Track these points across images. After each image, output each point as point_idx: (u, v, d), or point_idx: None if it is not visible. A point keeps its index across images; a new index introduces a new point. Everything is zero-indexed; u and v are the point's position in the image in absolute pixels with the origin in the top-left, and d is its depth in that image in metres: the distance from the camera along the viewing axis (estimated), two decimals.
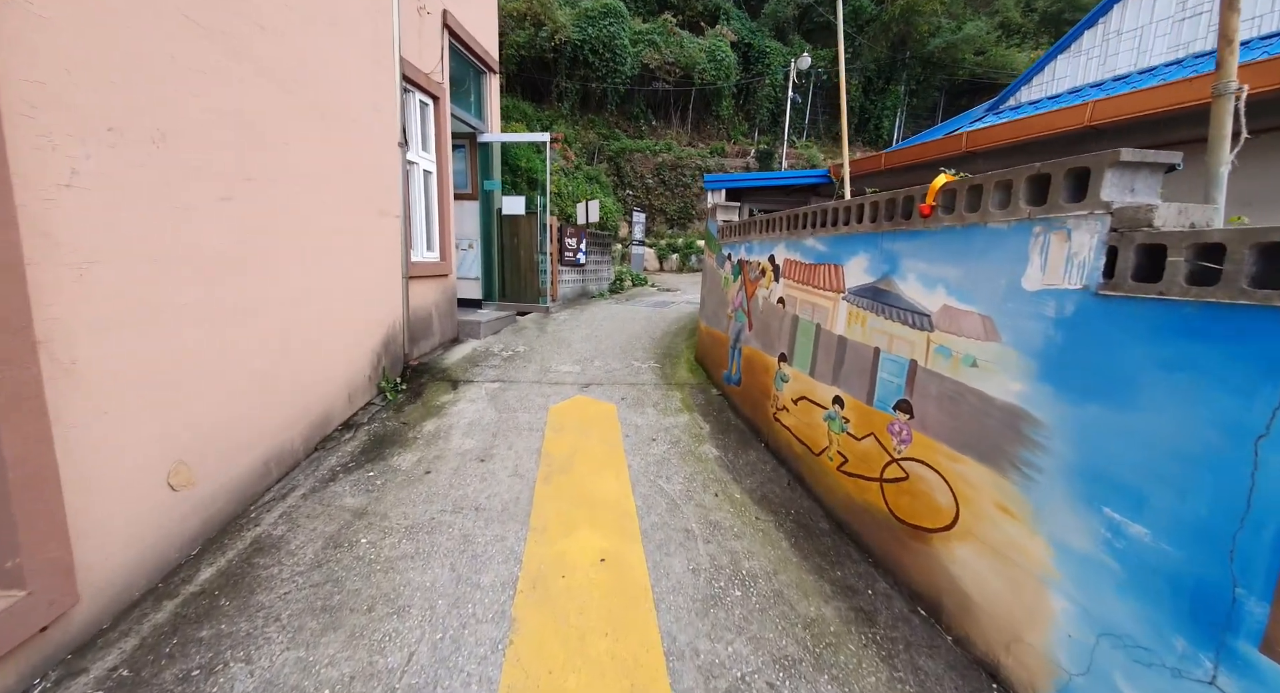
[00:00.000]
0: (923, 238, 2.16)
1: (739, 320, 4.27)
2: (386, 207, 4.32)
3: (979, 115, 8.67)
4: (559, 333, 6.79)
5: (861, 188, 3.07)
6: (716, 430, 3.91)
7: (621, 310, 8.69)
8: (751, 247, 4.06)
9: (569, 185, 12.70)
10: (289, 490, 2.84)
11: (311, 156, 3.20)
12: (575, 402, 4.38)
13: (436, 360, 5.34)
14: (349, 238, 3.71)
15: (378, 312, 4.24)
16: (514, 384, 4.76)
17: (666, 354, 6.00)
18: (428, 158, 5.45)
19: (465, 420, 3.87)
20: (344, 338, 3.68)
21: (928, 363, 2.12)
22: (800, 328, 3.18)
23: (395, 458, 3.25)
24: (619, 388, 4.75)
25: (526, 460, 3.28)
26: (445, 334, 5.91)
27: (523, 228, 7.36)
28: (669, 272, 16.15)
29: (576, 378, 5.01)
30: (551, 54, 15.85)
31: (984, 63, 22.53)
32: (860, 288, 2.57)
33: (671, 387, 4.87)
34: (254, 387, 2.72)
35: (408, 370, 4.84)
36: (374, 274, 4.14)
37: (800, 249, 3.20)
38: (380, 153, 4.22)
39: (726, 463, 3.38)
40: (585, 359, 5.65)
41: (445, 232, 5.76)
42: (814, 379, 2.99)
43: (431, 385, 4.63)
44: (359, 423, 3.73)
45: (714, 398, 4.62)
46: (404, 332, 4.80)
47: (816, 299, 2.98)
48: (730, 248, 4.62)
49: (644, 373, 5.26)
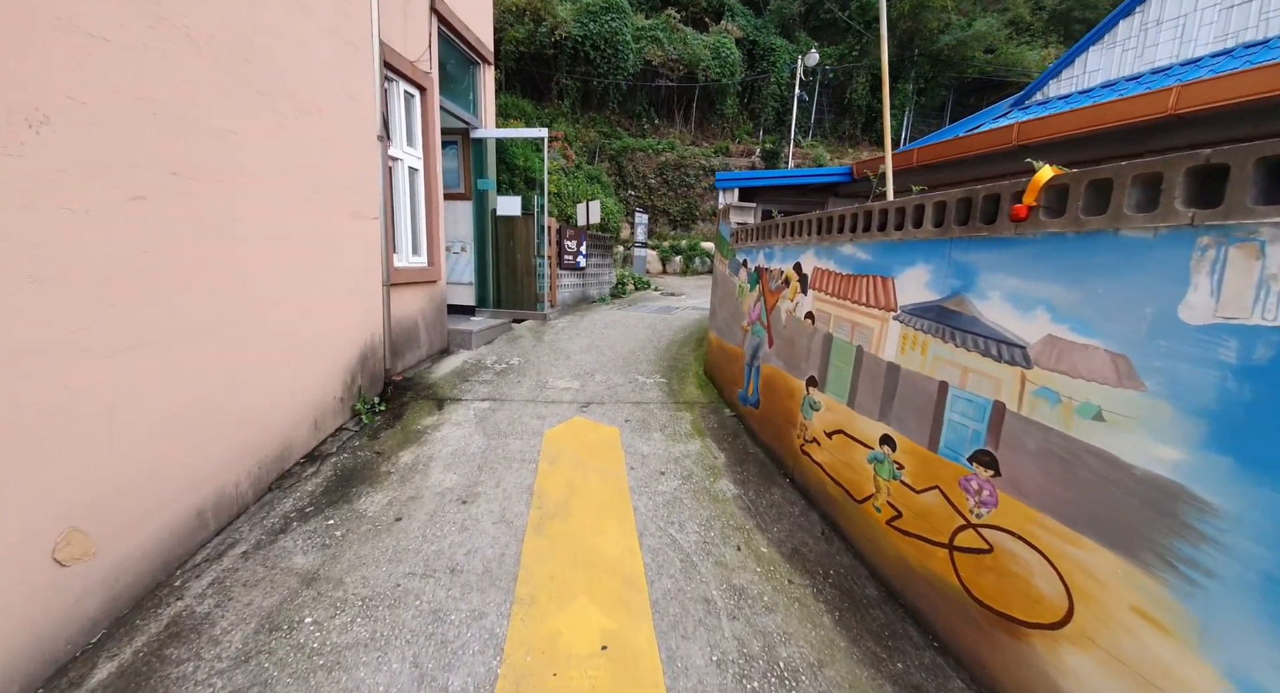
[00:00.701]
0: (1014, 247, 1.70)
1: (757, 335, 3.80)
2: (362, 207, 3.86)
3: (1003, 111, 8.20)
4: (557, 342, 6.33)
5: (906, 186, 2.60)
6: (733, 461, 3.44)
7: (624, 317, 8.23)
8: (772, 252, 3.59)
9: (569, 185, 12.26)
10: (228, 547, 2.38)
11: (261, 150, 2.74)
12: (573, 425, 3.92)
13: (422, 375, 4.88)
14: (314, 243, 3.25)
15: (352, 325, 3.78)
16: (506, 403, 4.30)
17: (673, 367, 5.54)
18: (413, 154, 4.99)
19: (448, 449, 3.41)
20: (307, 358, 3.22)
21: (1022, 408, 1.66)
22: (835, 349, 2.71)
23: (362, 500, 2.78)
24: (622, 408, 4.29)
25: (516, 502, 2.82)
26: (434, 345, 5.45)
27: (519, 230, 6.91)
28: (672, 274, 15.69)
29: (575, 396, 4.55)
30: (551, 50, 15.40)
31: (994, 61, 22.06)
32: (919, 307, 2.10)
33: (680, 406, 4.41)
34: (181, 425, 2.26)
35: (389, 388, 4.39)
36: (347, 283, 3.68)
37: (835, 257, 2.74)
38: (355, 147, 3.76)
39: (747, 504, 2.92)
40: (585, 373, 5.19)
41: (434, 234, 5.30)
42: (854, 411, 2.52)
43: (414, 406, 4.17)
44: (325, 454, 3.26)
45: (728, 420, 4.16)
46: (385, 345, 4.34)
47: (857, 317, 2.52)
48: (746, 253, 4.16)
49: (649, 389, 4.79)
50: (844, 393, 2.61)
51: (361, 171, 3.85)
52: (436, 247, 5.35)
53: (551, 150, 13.22)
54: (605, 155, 16.59)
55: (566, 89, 16.23)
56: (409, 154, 4.92)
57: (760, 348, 3.73)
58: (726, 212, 4.68)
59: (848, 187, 5.60)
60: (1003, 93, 23.12)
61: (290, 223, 3.00)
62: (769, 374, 3.56)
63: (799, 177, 5.06)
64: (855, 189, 5.55)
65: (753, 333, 3.90)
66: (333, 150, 3.44)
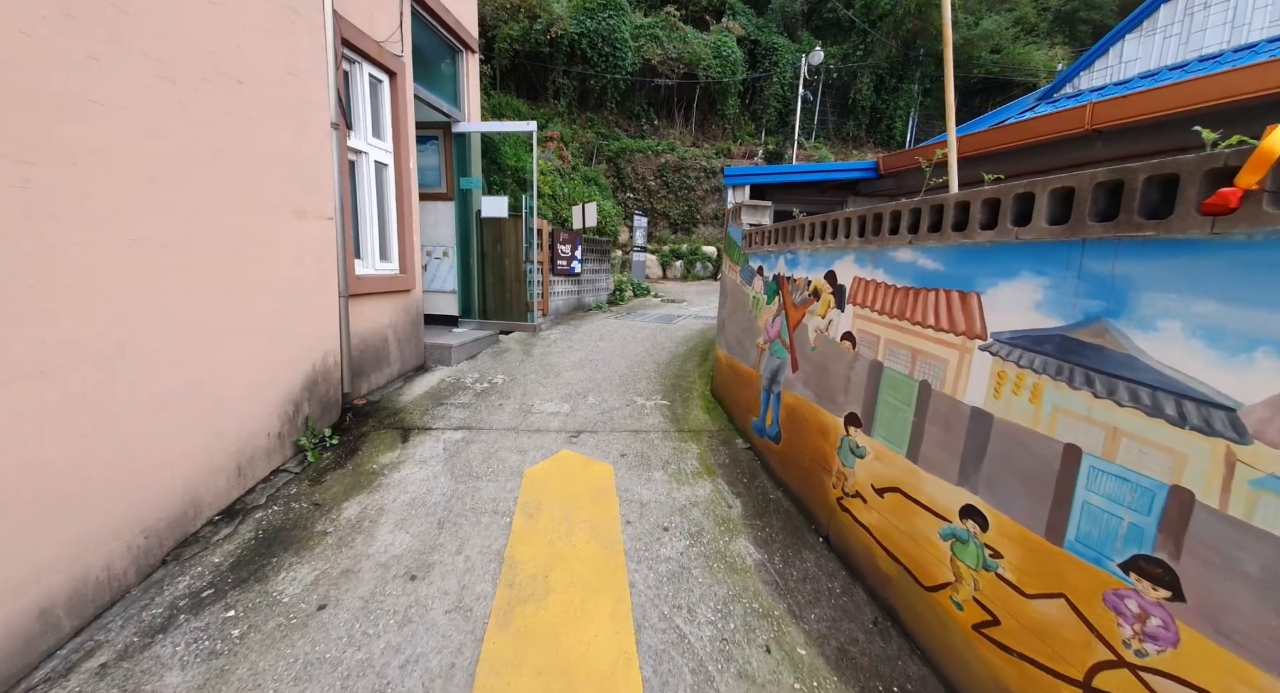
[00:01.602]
0: (1209, 254, 1.11)
1: (776, 356, 3.21)
2: (309, 205, 3.27)
3: (1030, 105, 7.65)
4: (547, 357, 5.74)
5: (977, 174, 2.02)
6: (751, 511, 2.84)
7: (621, 327, 7.64)
8: (796, 258, 3.01)
9: (565, 187, 11.69)
10: (84, 655, 1.77)
11: (146, 128, 2.16)
12: (560, 461, 3.32)
13: (391, 397, 4.28)
14: (235, 248, 2.66)
15: (294, 345, 3.18)
16: (483, 432, 3.70)
17: (676, 386, 4.94)
18: (382, 147, 4.41)
19: (405, 498, 2.81)
20: (225, 390, 2.63)
21: (1228, 503, 1.06)
22: (887, 383, 2.12)
23: (281, 576, 2.18)
24: (618, 438, 3.69)
25: (480, 576, 2.21)
26: (407, 362, 4.85)
27: (507, 233, 6.32)
28: (672, 280, 15.11)
29: (564, 422, 3.95)
30: (547, 48, 14.86)
31: (1000, 61, 21.59)
32: (1027, 335, 1.51)
33: (685, 435, 3.81)
34: (12, 494, 1.66)
35: (348, 415, 3.79)
36: (287, 295, 3.09)
37: (886, 265, 2.15)
38: (298, 134, 3.17)
39: (774, 576, 2.31)
40: (577, 393, 4.59)
41: (406, 238, 4.72)
42: (918, 467, 1.92)
43: (375, 437, 3.56)
44: (250, 508, 2.66)
45: (741, 454, 3.56)
46: (343, 366, 3.75)
47: (920, 343, 1.93)
48: (761, 259, 3.57)
49: (649, 413, 4.20)
50: (901, 440, 2.02)
51: (308, 163, 3.27)
52: (410, 251, 4.76)
53: (546, 151, 12.66)
54: (603, 157, 16.03)
55: (563, 88, 15.69)
56: (376, 146, 4.33)
57: (781, 372, 3.14)
58: (737, 211, 4.09)
59: (870, 184, 5.03)
60: (1008, 94, 22.66)
61: (196, 224, 2.41)
62: (793, 404, 2.97)
63: (818, 172, 4.47)
64: (879, 187, 4.97)
65: (771, 353, 3.31)
66: (264, 136, 2.85)
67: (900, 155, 4.38)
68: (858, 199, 5.49)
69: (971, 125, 7.87)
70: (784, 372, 3.10)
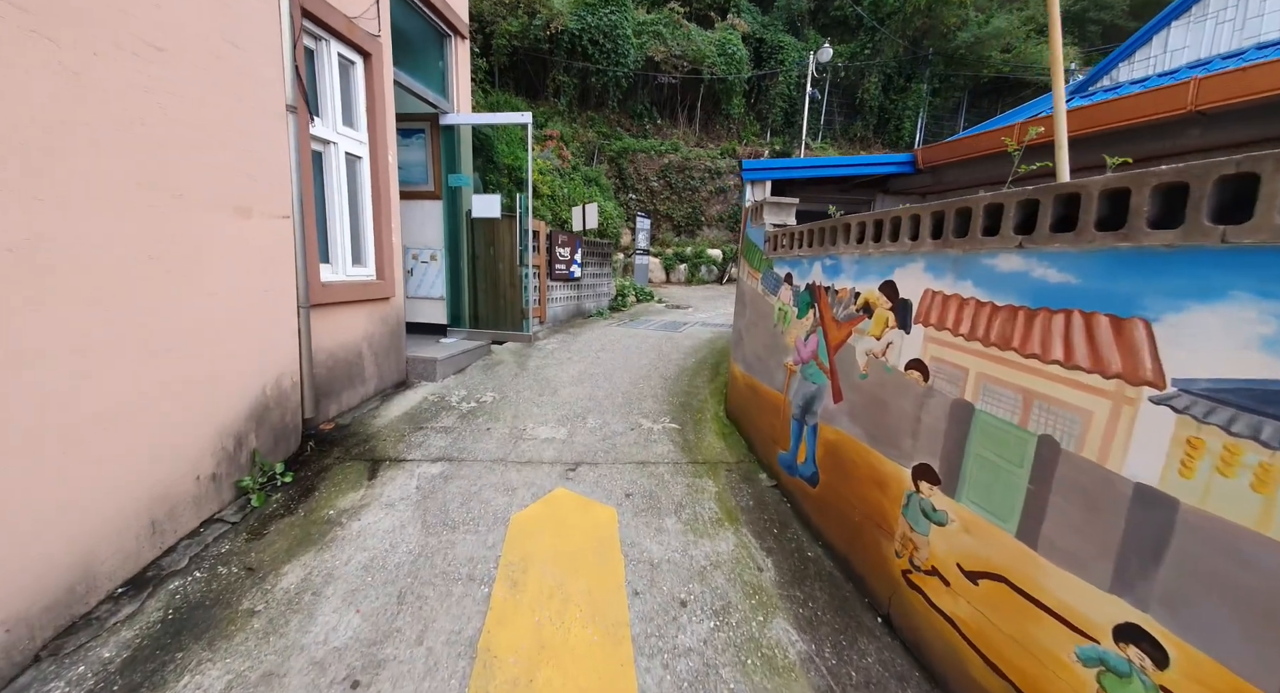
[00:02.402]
0: None
1: (811, 380, 2.70)
2: (257, 202, 2.77)
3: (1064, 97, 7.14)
4: (543, 370, 5.23)
5: (1097, 157, 1.50)
6: (787, 575, 2.32)
7: (624, 335, 7.13)
8: (837, 264, 2.49)
9: (565, 187, 11.20)
10: None
11: (14, 101, 1.65)
12: (554, 502, 2.81)
13: (364, 420, 3.77)
14: (154, 251, 2.15)
15: (237, 367, 2.67)
16: (465, 465, 3.19)
17: (686, 406, 4.43)
18: (354, 137, 3.91)
19: (361, 558, 2.29)
20: (133, 427, 2.11)
21: None
22: (984, 432, 1.60)
23: (183, 683, 1.66)
24: (622, 472, 3.18)
25: (443, 682, 1.69)
26: (386, 378, 4.34)
27: (500, 235, 5.82)
28: (676, 284, 14.59)
29: (560, 451, 3.44)
30: (547, 44, 14.38)
31: (1010, 60, 21.11)
32: (1248, 389, 0.99)
33: (699, 469, 3.29)
34: None
35: (309, 444, 3.27)
36: (226, 309, 2.58)
37: (979, 274, 1.63)
38: (242, 118, 2.67)
39: (826, 677, 1.79)
40: (575, 415, 4.08)
41: (384, 239, 4.21)
42: (1037, 554, 1.41)
43: (337, 472, 3.05)
44: (166, 574, 2.14)
45: (765, 493, 3.04)
46: (303, 387, 3.23)
47: (1041, 384, 1.41)
48: (789, 265, 3.06)
49: (657, 440, 3.68)
50: (1007, 512, 1.50)
51: (256, 152, 2.76)
52: (388, 255, 4.25)
53: (545, 150, 12.17)
54: (604, 156, 15.54)
55: (563, 86, 15.20)
56: (347, 137, 3.83)
57: (818, 400, 2.62)
58: (758, 210, 3.58)
59: (903, 180, 4.51)
60: (1019, 95, 22.17)
61: (93, 221, 1.90)
62: (835, 442, 2.45)
63: (849, 165, 3.96)
64: (913, 183, 4.45)
65: (803, 376, 2.79)
66: (194, 117, 2.35)
67: (944, 147, 3.85)
68: (887, 198, 4.98)
69: (992, 123, 7.36)
70: (822, 400, 2.59)
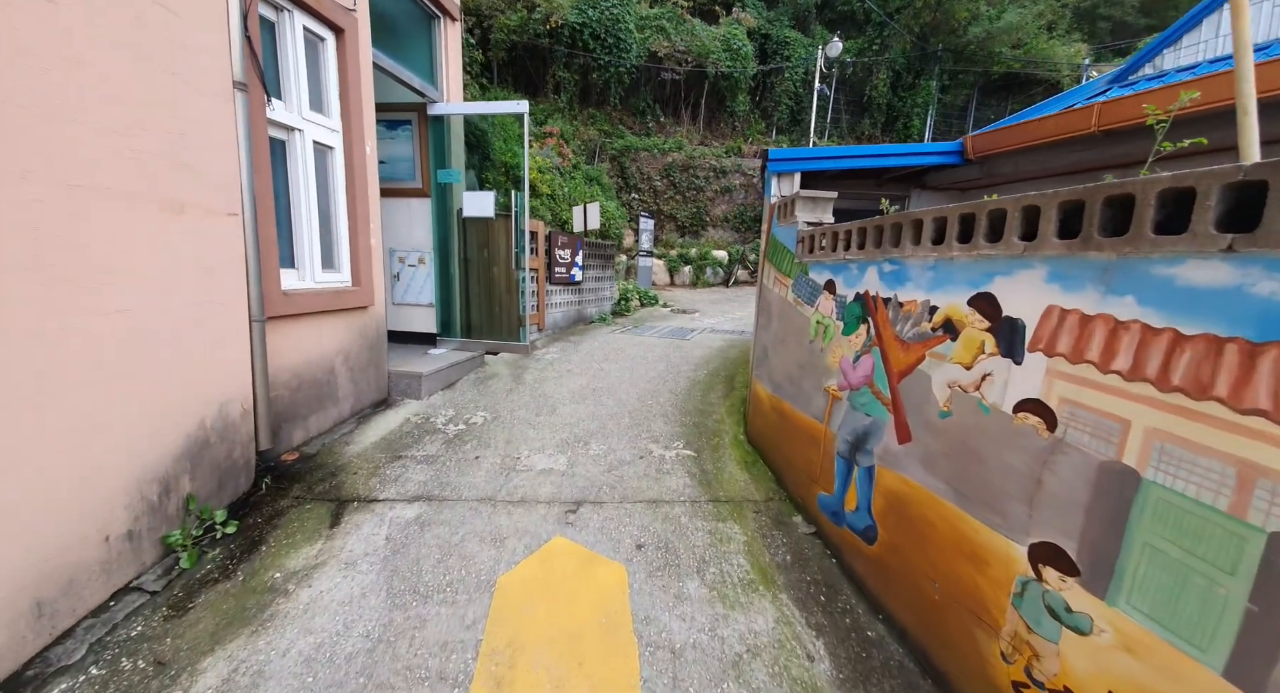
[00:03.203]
0: None
1: (866, 411, 2.20)
2: (195, 196, 2.29)
3: (1100, 88, 6.65)
4: (541, 385, 4.74)
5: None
6: (848, 672, 1.82)
7: (629, 343, 6.64)
8: (902, 270, 2.01)
9: (565, 186, 10.73)
10: None
11: None
12: (551, 558, 2.32)
13: (334, 448, 3.29)
14: (40, 257, 1.67)
15: (163, 397, 2.19)
16: (447, 506, 2.71)
17: (700, 427, 3.94)
18: (325, 124, 3.43)
19: (305, 646, 1.81)
20: (8, 481, 1.63)
21: None
22: (1161, 514, 1.11)
23: None
24: (632, 513, 2.69)
25: None
26: (364, 396, 3.86)
27: (496, 236, 5.34)
28: (681, 287, 14.10)
29: (558, 486, 2.95)
30: (547, 39, 13.91)
31: (1021, 56, 20.63)
32: None
33: (722, 509, 2.81)
34: None
35: (264, 481, 2.79)
36: (146, 328, 2.09)
37: (1146, 287, 1.14)
38: (173, 95, 2.19)
39: None
40: (576, 438, 3.59)
41: (361, 241, 3.73)
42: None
43: (293, 518, 2.57)
44: (50, 672, 1.65)
45: (803, 542, 2.55)
46: (256, 415, 2.75)
47: (1274, 455, 0.92)
48: (831, 270, 2.57)
49: (671, 470, 3.19)
50: (1204, 636, 1.01)
51: (192, 137, 2.28)
52: (366, 258, 3.77)
53: (545, 147, 11.70)
54: (606, 155, 15.06)
55: (563, 82, 14.72)
56: (316, 123, 3.35)
57: (875, 437, 2.13)
58: (788, 206, 3.09)
59: (945, 173, 4.01)
60: (1028, 92, 21.68)
61: None
62: (902, 493, 1.96)
63: (889, 155, 3.45)
64: (958, 177, 3.94)
65: (852, 405, 2.30)
66: (104, 91, 1.87)
67: (1001, 133, 3.33)
68: (924, 194, 4.48)
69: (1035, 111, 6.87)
70: (879, 438, 2.10)
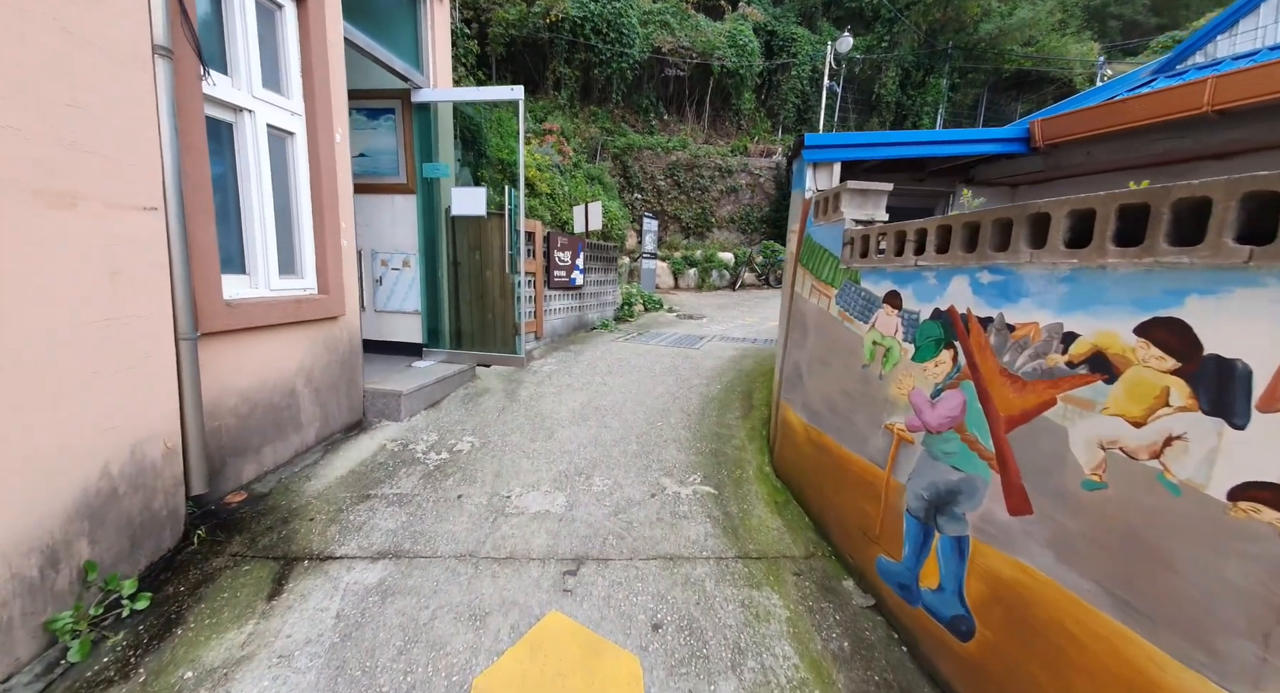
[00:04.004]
0: None
1: (953, 462, 1.70)
2: (90, 184, 1.78)
3: (1145, 79, 6.16)
4: (538, 403, 4.24)
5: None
6: None
7: (634, 353, 6.14)
8: (1012, 282, 1.50)
9: (566, 185, 10.24)
10: None
11: None
12: (543, 645, 1.82)
13: (292, 485, 2.78)
14: None
15: (36, 445, 1.68)
16: (418, 567, 2.20)
17: (718, 454, 3.43)
18: (283, 105, 2.93)
19: None
20: None
21: None
22: None
23: None
24: (645, 575, 2.18)
25: None
26: (333, 419, 3.36)
27: (488, 236, 4.84)
28: (685, 290, 13.59)
29: (554, 536, 2.45)
30: (547, 33, 13.43)
31: (1032, 54, 20.17)
32: None
33: (755, 568, 2.30)
34: None
35: (197, 532, 2.28)
36: (33, 350, 1.59)
37: None
38: (65, 55, 1.69)
39: None
40: (576, 471, 3.09)
41: (329, 241, 3.23)
42: None
43: (226, 583, 2.06)
44: None
45: (861, 619, 2.04)
46: (186, 453, 2.25)
47: None
48: (894, 279, 2.06)
49: (689, 514, 2.69)
50: None
51: (94, 109, 1.78)
52: (336, 262, 3.27)
53: (545, 144, 11.21)
54: (607, 153, 14.57)
55: (564, 78, 14.23)
56: (271, 104, 2.85)
57: (968, 498, 1.63)
58: (830, 201, 2.59)
59: (996, 166, 3.48)
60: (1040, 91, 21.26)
61: None
62: (1019, 585, 1.45)
63: (945, 142, 2.92)
64: (1014, 169, 3.41)
65: (932, 453, 1.80)
66: None
67: (1075, 117, 2.74)
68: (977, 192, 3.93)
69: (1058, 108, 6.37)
70: (977, 501, 1.59)
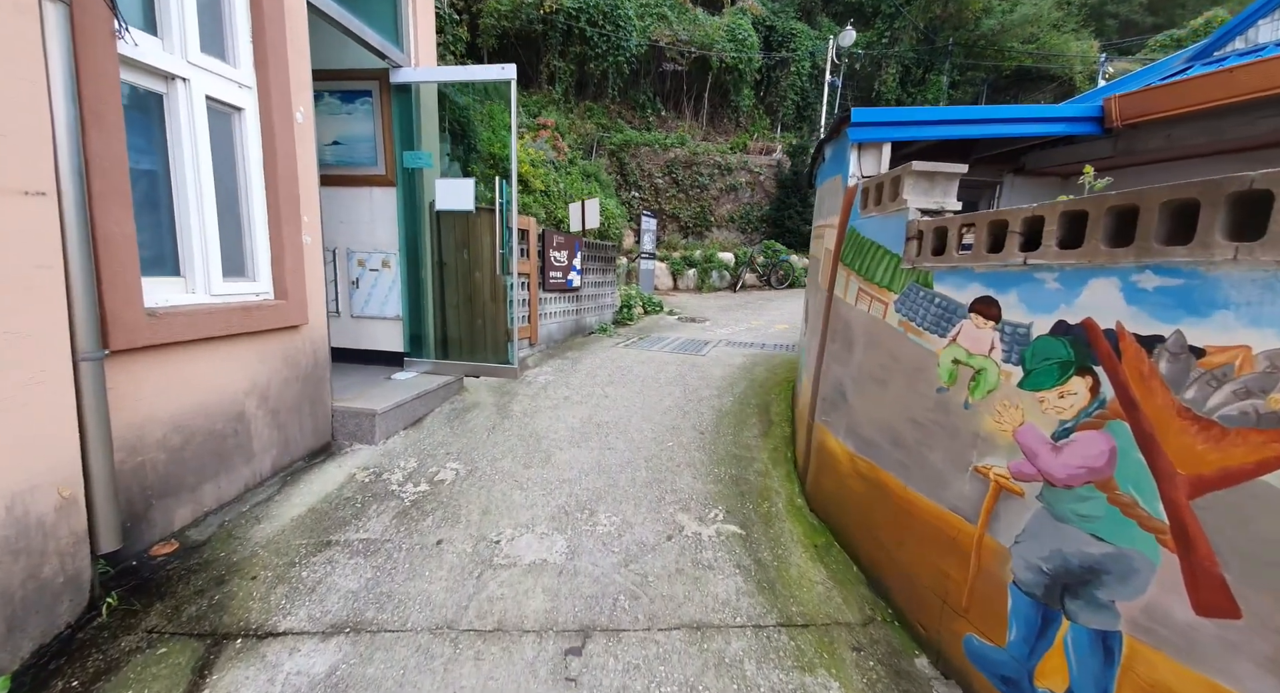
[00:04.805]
0: None
1: (1091, 528, 1.26)
2: None
3: (1180, 66, 5.79)
4: (533, 420, 3.78)
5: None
6: None
7: (636, 361, 5.68)
8: (1189, 288, 1.06)
9: (561, 182, 9.78)
10: None
11: None
12: None
13: (237, 529, 2.31)
14: None
15: None
16: (380, 647, 1.75)
17: (740, 481, 2.99)
18: (227, 75, 2.46)
19: None
20: None
21: None
22: None
23: None
24: (667, 653, 1.74)
25: None
26: (295, 445, 2.89)
27: (478, 233, 4.39)
28: (685, 291, 13.15)
29: (553, 596, 1.99)
30: (541, 26, 12.96)
31: (1032, 51, 19.92)
32: None
33: (802, 641, 1.85)
34: None
35: (108, 599, 1.81)
36: None
37: None
38: None
39: None
40: (577, 505, 2.64)
41: (288, 238, 2.76)
42: None
43: (131, 675, 1.59)
44: None
45: None
46: (90, 502, 1.78)
47: None
48: (991, 283, 1.63)
49: (713, 563, 2.24)
50: None
51: None
52: (297, 262, 2.80)
53: (539, 140, 10.75)
54: (604, 150, 14.12)
55: (559, 73, 13.76)
56: (212, 72, 2.38)
57: (1125, 582, 1.19)
58: (884, 187, 2.15)
59: (1057, 151, 3.06)
60: (1041, 89, 21.05)
61: None
62: None
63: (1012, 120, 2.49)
64: (1071, 156, 2.98)
65: (1056, 512, 1.36)
66: None
67: (1161, 92, 2.23)
68: (1018, 180, 3.50)
69: (1142, 74, 5.98)
70: (1135, 588, 1.16)
